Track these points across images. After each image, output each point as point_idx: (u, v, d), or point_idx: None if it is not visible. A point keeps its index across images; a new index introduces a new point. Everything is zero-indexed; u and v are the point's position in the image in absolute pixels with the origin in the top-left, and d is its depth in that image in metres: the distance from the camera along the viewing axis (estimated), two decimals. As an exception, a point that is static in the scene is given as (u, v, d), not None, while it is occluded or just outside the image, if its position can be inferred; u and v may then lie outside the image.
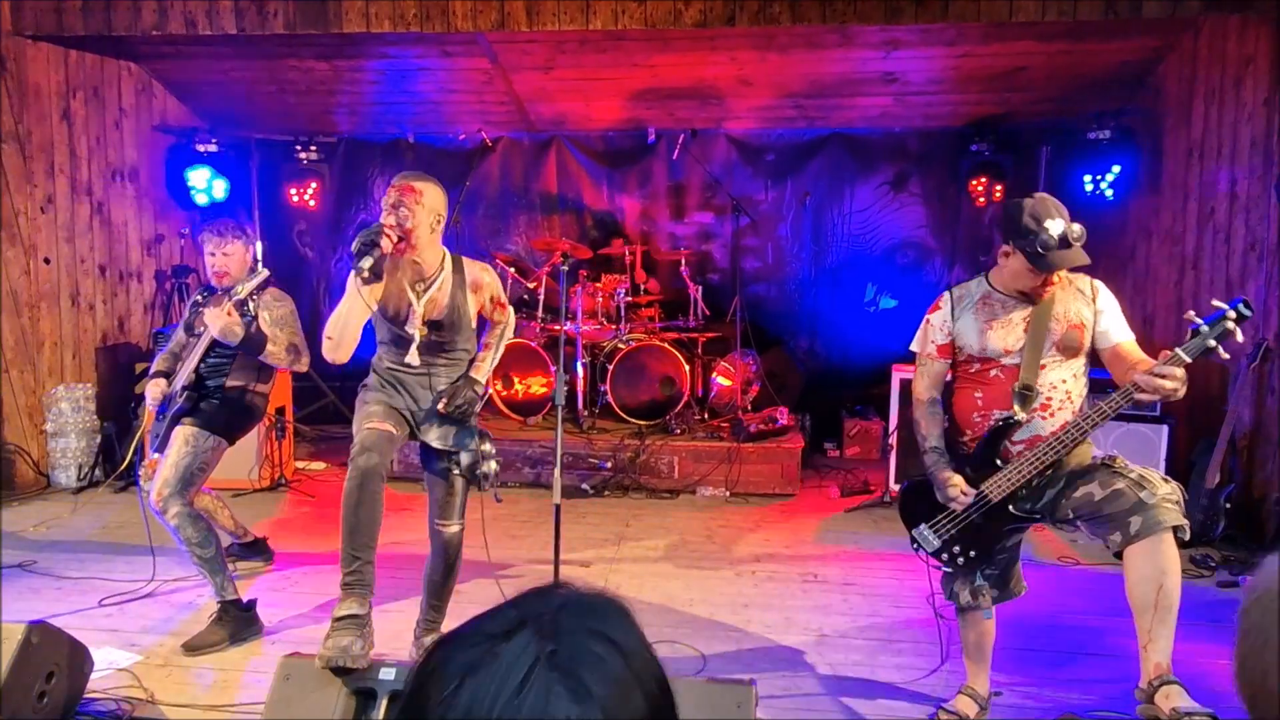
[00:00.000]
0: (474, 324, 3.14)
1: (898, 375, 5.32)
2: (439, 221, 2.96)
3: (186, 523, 3.33)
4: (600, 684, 0.65)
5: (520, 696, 0.63)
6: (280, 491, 5.54)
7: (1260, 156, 4.63)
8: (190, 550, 3.35)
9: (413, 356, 2.97)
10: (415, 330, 2.96)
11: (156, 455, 3.47)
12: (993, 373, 2.67)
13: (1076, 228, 2.50)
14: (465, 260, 3.11)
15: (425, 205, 2.89)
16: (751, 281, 6.97)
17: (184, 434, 3.41)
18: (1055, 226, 2.48)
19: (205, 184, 6.25)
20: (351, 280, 2.84)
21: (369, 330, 3.04)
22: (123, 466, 4.95)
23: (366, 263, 2.75)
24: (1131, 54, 5.53)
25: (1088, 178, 5.75)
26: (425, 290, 2.98)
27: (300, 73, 6.17)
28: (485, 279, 3.11)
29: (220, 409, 3.50)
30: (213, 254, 3.57)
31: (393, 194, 2.88)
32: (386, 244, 2.79)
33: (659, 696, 0.70)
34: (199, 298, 3.70)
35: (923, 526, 2.74)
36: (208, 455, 3.43)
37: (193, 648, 3.27)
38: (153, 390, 3.53)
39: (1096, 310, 2.65)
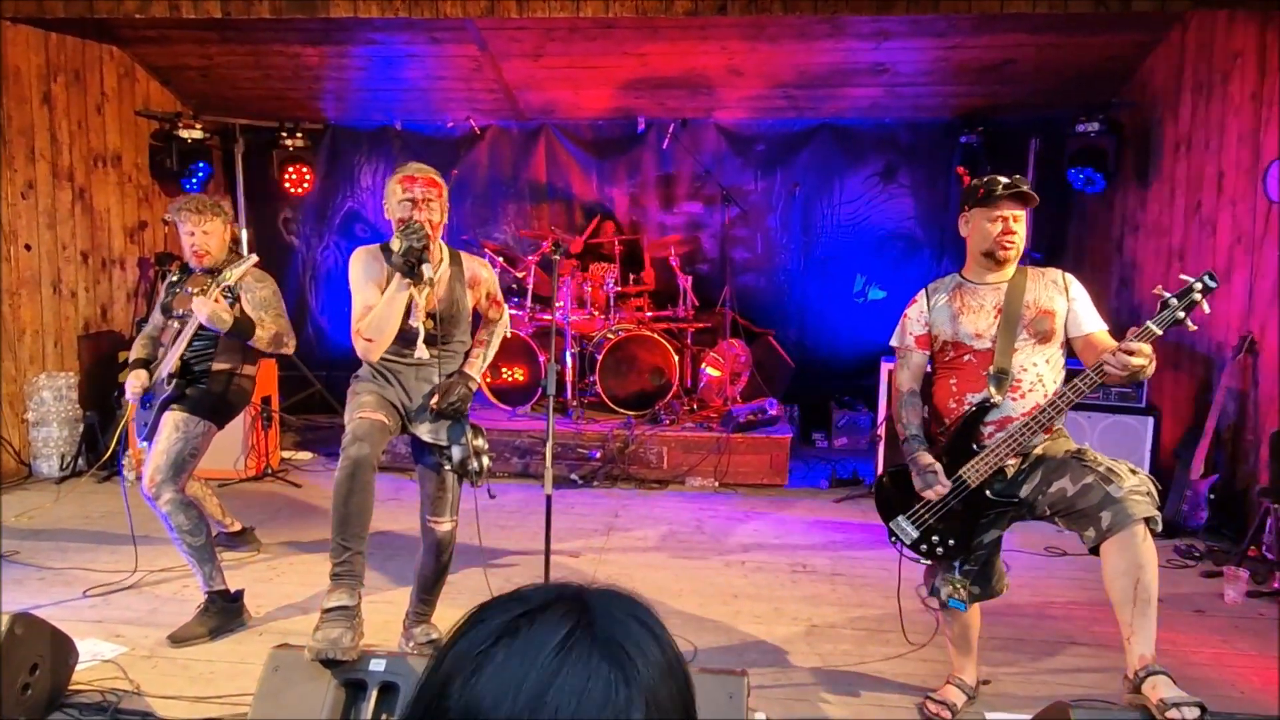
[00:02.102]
0: (470, 317, 3.12)
1: (886, 367, 5.34)
2: (445, 215, 2.98)
3: (178, 510, 3.29)
4: (639, 657, 0.66)
5: (559, 656, 0.63)
6: (267, 481, 5.50)
7: (1247, 150, 4.66)
8: (181, 538, 3.31)
9: (420, 351, 2.94)
10: (419, 324, 2.93)
11: (145, 445, 3.42)
12: (965, 358, 2.72)
13: (1020, 178, 2.70)
14: (463, 254, 3.10)
15: (443, 199, 2.91)
16: (741, 272, 6.97)
17: (173, 420, 3.36)
18: (1002, 178, 2.69)
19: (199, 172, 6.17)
20: (395, 283, 2.80)
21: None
22: (105, 456, 4.90)
23: (429, 271, 2.80)
24: (1120, 48, 5.56)
25: (1076, 170, 5.77)
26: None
27: (286, 58, 6.09)
28: (483, 274, 3.10)
29: (208, 393, 3.45)
30: (192, 233, 3.44)
31: (416, 190, 2.83)
32: (430, 245, 2.82)
33: (686, 687, 0.70)
34: (175, 278, 3.60)
35: (900, 518, 2.75)
36: (198, 440, 3.39)
37: (178, 639, 3.24)
38: (133, 384, 3.44)
39: (1069, 299, 2.71)
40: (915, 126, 6.72)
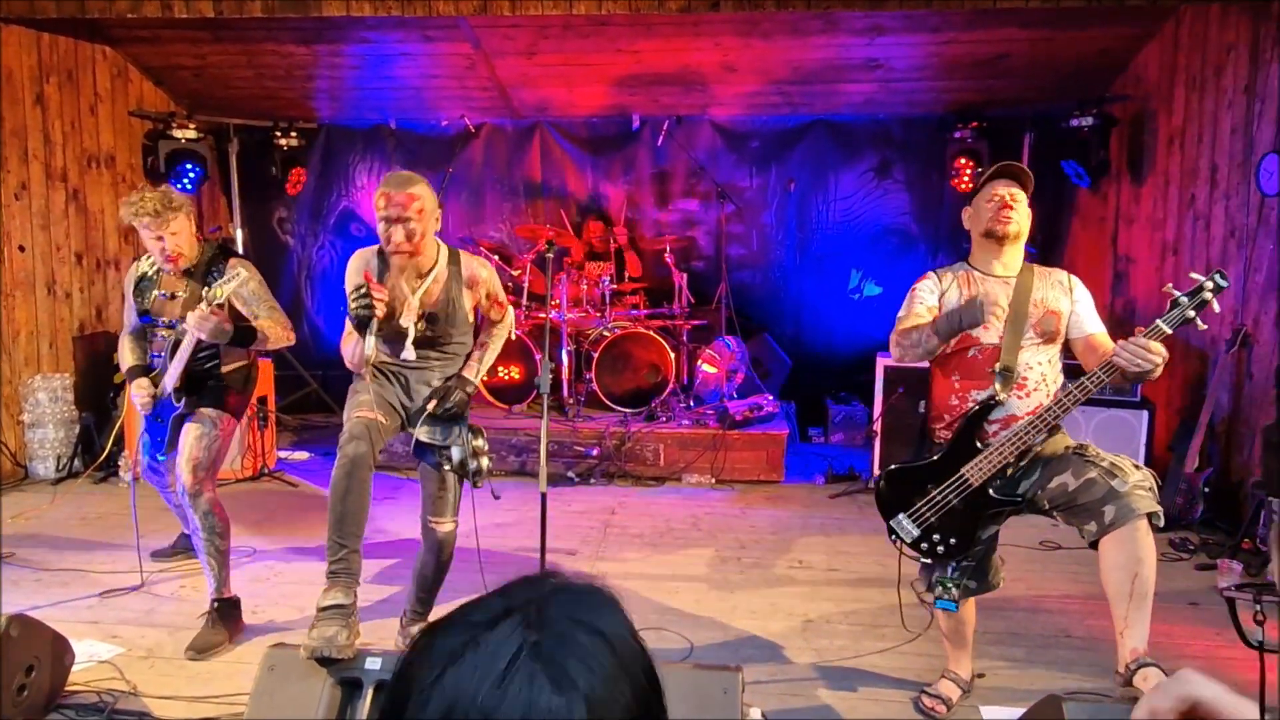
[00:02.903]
0: (470, 318, 3.07)
1: (882, 362, 5.35)
2: (438, 219, 2.90)
3: (213, 510, 3.24)
4: (585, 675, 0.64)
5: (503, 686, 0.62)
6: (263, 481, 5.50)
7: (1240, 144, 4.67)
8: (211, 540, 3.25)
9: (408, 352, 2.90)
10: (410, 325, 2.90)
11: (164, 458, 3.36)
12: (971, 352, 2.70)
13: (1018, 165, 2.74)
14: (463, 254, 3.04)
15: (426, 210, 2.80)
16: (736, 268, 6.97)
17: (202, 416, 3.26)
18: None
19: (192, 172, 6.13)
20: (359, 330, 2.77)
21: None
22: (102, 457, 4.89)
23: (371, 341, 2.72)
24: (1113, 41, 5.56)
25: (1069, 164, 5.77)
26: (421, 284, 2.93)
27: (279, 57, 6.08)
28: (482, 274, 3.04)
29: (226, 389, 3.37)
30: (160, 238, 3.16)
31: (393, 208, 2.75)
32: (380, 308, 2.72)
33: (646, 688, 0.69)
34: (142, 272, 3.38)
35: (901, 516, 2.74)
36: (228, 436, 3.35)
37: (200, 650, 3.16)
38: (143, 398, 3.32)
39: (1073, 300, 2.72)
40: (909, 122, 6.72)
